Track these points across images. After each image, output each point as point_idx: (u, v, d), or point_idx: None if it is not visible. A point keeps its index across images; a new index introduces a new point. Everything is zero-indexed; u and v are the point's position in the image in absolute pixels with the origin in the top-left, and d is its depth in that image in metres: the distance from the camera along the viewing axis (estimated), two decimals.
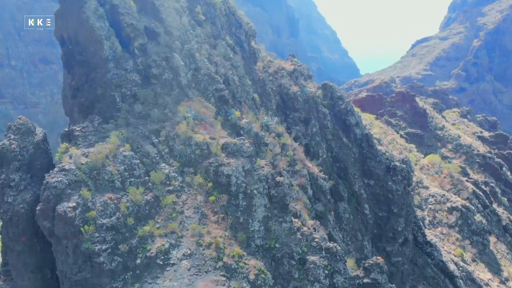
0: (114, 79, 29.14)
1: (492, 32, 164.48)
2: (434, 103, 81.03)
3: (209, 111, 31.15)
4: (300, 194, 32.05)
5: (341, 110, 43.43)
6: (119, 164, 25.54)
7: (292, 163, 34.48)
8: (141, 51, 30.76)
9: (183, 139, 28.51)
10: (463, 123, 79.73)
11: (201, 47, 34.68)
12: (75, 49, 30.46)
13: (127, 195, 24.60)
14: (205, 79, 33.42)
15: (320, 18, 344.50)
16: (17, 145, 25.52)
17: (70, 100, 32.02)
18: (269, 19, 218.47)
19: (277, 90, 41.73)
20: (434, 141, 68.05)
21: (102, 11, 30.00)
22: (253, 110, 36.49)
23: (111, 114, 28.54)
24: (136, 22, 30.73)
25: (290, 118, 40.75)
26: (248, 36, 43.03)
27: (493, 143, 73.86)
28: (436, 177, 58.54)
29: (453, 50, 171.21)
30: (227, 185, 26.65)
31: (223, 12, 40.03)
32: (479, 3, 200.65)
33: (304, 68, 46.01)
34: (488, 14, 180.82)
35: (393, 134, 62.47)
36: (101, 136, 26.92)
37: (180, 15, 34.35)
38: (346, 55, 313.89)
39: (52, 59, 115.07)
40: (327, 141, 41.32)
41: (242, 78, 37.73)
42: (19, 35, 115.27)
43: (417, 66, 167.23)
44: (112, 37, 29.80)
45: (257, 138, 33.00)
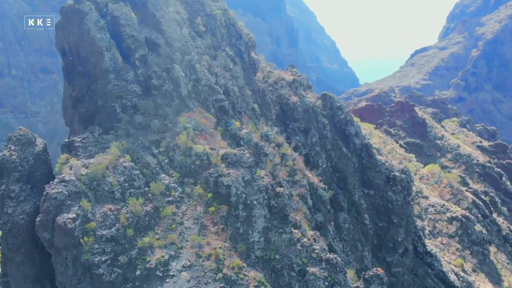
0: (115, 90, 29.28)
1: (490, 42, 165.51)
2: (433, 113, 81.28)
3: (209, 122, 31.24)
4: (300, 204, 32.03)
5: (340, 120, 43.53)
6: (119, 175, 25.57)
7: (292, 173, 34.51)
8: (141, 62, 30.93)
9: (183, 150, 28.56)
10: (463, 133, 79.90)
11: (202, 58, 34.88)
12: (76, 60, 30.64)
13: (127, 206, 24.60)
14: (205, 90, 33.56)
15: (320, 28, 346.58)
16: (18, 156, 25.58)
17: (71, 111, 32.12)
18: (269, 29, 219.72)
19: (277, 100, 41.88)
20: (434, 151, 68.14)
21: (103, 23, 30.24)
22: (253, 120, 36.60)
23: (111, 125, 28.62)
24: (137, 34, 30.94)
25: (289, 128, 40.85)
26: (248, 47, 43.29)
27: (492, 153, 73.94)
28: (436, 187, 58.53)
29: (452, 60, 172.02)
30: (227, 196, 26.65)
31: (223, 24, 40.31)
32: (477, 13, 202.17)
33: (304, 78, 46.22)
34: (487, 24, 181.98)
35: (392, 143, 62.57)
36: (102, 147, 26.99)
37: (180, 26, 34.61)
38: (345, 65, 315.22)
39: (52, 69, 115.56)
40: (326, 151, 41.37)
41: (242, 88, 37.89)
42: (20, 45, 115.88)
43: (416, 75, 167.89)
44: (113, 49, 30.00)
45: (257, 148, 33.07)
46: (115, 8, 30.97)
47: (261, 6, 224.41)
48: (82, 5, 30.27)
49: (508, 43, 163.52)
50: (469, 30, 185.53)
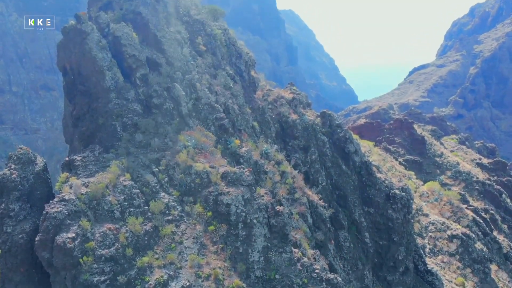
0: (116, 109, 29.43)
1: (488, 60, 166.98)
2: (432, 130, 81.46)
3: (209, 140, 31.34)
4: (300, 223, 31.92)
5: (340, 138, 43.67)
6: (119, 194, 25.55)
7: (292, 191, 34.47)
8: (142, 81, 31.18)
9: (183, 168, 28.59)
10: (462, 150, 79.97)
11: (202, 77, 35.15)
12: (77, 79, 30.88)
13: (126, 225, 24.52)
14: (206, 108, 33.75)
15: (318, 46, 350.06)
16: (18, 175, 25.59)
17: (71, 129, 32.24)
18: (268, 47, 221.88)
19: (277, 118, 42.08)
20: (433, 168, 68.09)
21: (104, 43, 30.56)
22: (252, 138, 36.71)
23: (111, 144, 28.70)
24: (138, 53, 31.26)
25: (289, 145, 40.95)
26: (248, 65, 43.67)
27: (492, 170, 73.89)
28: (436, 205, 58.35)
29: (450, 77, 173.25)
30: (226, 215, 26.59)
31: (223, 43, 40.74)
32: (474, 31, 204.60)
33: (303, 96, 46.52)
34: (484, 42, 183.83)
35: (392, 161, 62.59)
36: (102, 165, 27.01)
37: (181, 46, 34.98)
38: (344, 82, 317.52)
39: (53, 86, 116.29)
40: (326, 169, 41.41)
41: (242, 106, 38.10)
42: (21, 62, 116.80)
43: (415, 93, 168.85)
44: (114, 68, 30.26)
45: (257, 166, 33.10)
46: (116, 28, 31.36)
47: (260, 25, 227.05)
48: (84, 25, 30.63)
49: (505, 60, 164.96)
50: (466, 48, 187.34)
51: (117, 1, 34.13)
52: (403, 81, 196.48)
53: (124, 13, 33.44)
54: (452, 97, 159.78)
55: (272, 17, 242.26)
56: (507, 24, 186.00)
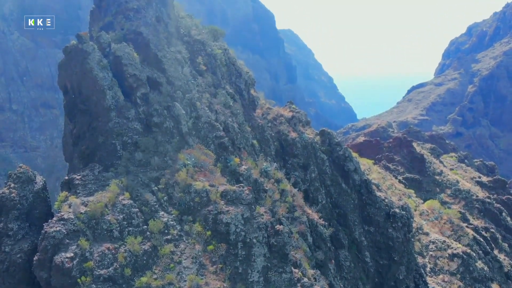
0: (116, 128, 29.53)
1: (486, 78, 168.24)
2: (431, 148, 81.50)
3: (209, 158, 31.37)
4: (300, 242, 31.75)
5: (339, 156, 43.73)
6: (118, 213, 25.46)
7: (292, 210, 34.38)
8: (143, 100, 31.36)
9: (183, 187, 28.55)
10: (461, 168, 79.90)
11: (202, 96, 35.39)
12: (78, 98, 31.06)
13: (125, 244, 24.36)
14: (206, 127, 33.89)
15: (317, 65, 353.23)
16: (17, 194, 25.54)
17: (71, 147, 32.29)
18: (268, 66, 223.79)
19: (276, 136, 42.22)
20: (433, 186, 67.94)
21: (105, 62, 30.84)
22: (252, 156, 36.77)
23: (111, 162, 28.72)
24: (139, 73, 31.51)
25: (289, 163, 41.00)
26: (248, 84, 44.01)
27: (491, 188, 73.72)
28: (436, 223, 58.06)
29: (448, 96, 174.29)
30: (226, 234, 26.44)
31: (224, 63, 41.13)
32: (472, 50, 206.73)
33: (302, 114, 46.74)
34: (482, 61, 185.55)
35: (391, 179, 62.47)
36: (101, 184, 26.97)
37: (182, 65, 35.31)
38: (343, 100, 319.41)
39: (53, 104, 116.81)
40: (326, 187, 41.37)
41: (242, 125, 38.27)
42: (22, 80, 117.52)
43: (413, 111, 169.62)
44: (115, 87, 30.47)
45: (256, 184, 33.07)
46: (117, 48, 31.68)
47: (260, 44, 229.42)
48: (85, 45, 30.95)
49: (503, 79, 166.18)
50: (464, 66, 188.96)
51: (118, 21, 34.55)
52: (401, 100, 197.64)
53: (125, 33, 33.83)
54: (451, 115, 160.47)
55: (271, 36, 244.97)
56: (504, 43, 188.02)
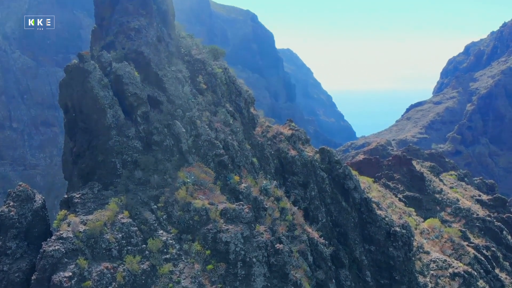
0: (116, 146, 29.59)
1: (484, 97, 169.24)
2: (431, 166, 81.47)
3: (209, 176, 31.36)
4: (300, 261, 31.48)
5: (339, 174, 43.70)
6: (116, 232, 25.31)
7: (292, 228, 34.18)
8: (143, 119, 31.50)
9: (182, 205, 28.47)
10: (461, 186, 79.73)
11: (202, 114, 35.56)
12: (78, 116, 31.18)
13: (123, 264, 24.17)
14: (205, 145, 33.95)
15: (316, 84, 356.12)
16: (16, 212, 25.42)
17: (71, 166, 32.28)
18: (267, 84, 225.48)
19: (276, 154, 42.25)
20: (433, 205, 67.68)
21: (106, 81, 31.06)
22: (252, 174, 36.75)
23: (111, 181, 28.69)
24: (140, 92, 31.72)
25: (288, 181, 40.95)
26: (247, 103, 44.26)
27: (492, 207, 73.46)
28: (437, 242, 57.64)
29: (447, 114, 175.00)
30: (225, 253, 26.27)
31: (224, 81, 41.45)
32: (470, 69, 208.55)
33: (302, 132, 46.86)
34: (480, 80, 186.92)
35: (391, 197, 62.26)
36: (100, 203, 26.89)
37: (182, 84, 35.58)
38: (342, 118, 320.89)
39: (53, 122, 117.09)
40: (326, 205, 41.22)
41: (242, 143, 38.35)
42: (22, 98, 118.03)
43: (412, 129, 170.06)
44: (116, 106, 30.64)
45: (256, 202, 32.95)
46: (118, 67, 31.95)
47: (259, 63, 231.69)
48: (86, 64, 31.21)
49: (502, 97, 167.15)
50: (463, 85, 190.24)
51: (119, 41, 34.91)
52: (400, 118, 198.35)
53: (127, 52, 34.16)
54: (450, 134, 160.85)
55: (271, 56, 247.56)
56: (502, 62, 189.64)
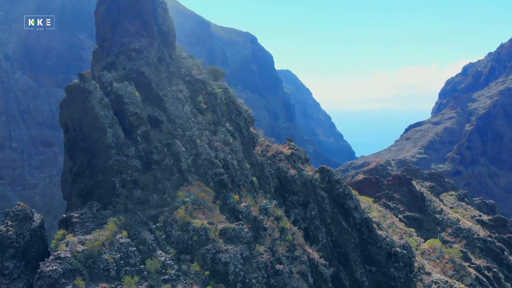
0: (115, 165, 29.55)
1: (483, 117, 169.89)
2: (431, 186, 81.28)
3: (208, 195, 31.24)
4: (301, 282, 31.07)
5: (339, 194, 43.55)
6: (115, 252, 25.06)
7: (292, 248, 33.86)
8: (143, 138, 31.55)
9: (181, 225, 28.27)
10: (461, 206, 79.38)
11: (202, 134, 35.65)
12: (78, 136, 31.23)
13: (121, 284, 23.84)
14: (205, 164, 33.93)
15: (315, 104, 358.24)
16: (14, 232, 25.22)
17: (70, 185, 32.16)
18: (267, 104, 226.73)
19: (275, 173, 42.20)
20: (434, 225, 67.27)
21: (107, 101, 31.22)
22: (251, 193, 36.62)
23: (110, 200, 28.55)
24: (140, 111, 31.86)
25: (288, 201, 40.78)
26: (247, 122, 44.42)
27: (492, 227, 73.01)
28: (438, 263, 57.06)
29: (446, 134, 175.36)
30: (224, 274, 25.97)
31: (224, 101, 41.70)
32: (468, 89, 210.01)
33: (301, 151, 46.89)
34: (478, 100, 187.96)
35: (392, 217, 61.90)
36: (99, 222, 26.69)
37: (182, 104, 35.78)
38: (341, 138, 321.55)
39: (53, 142, 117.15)
40: (326, 225, 40.95)
41: (241, 162, 38.33)
42: (23, 118, 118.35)
43: (412, 149, 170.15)
44: (116, 125, 30.72)
45: (256, 222, 32.75)
46: (119, 87, 32.16)
47: (259, 83, 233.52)
48: (87, 84, 31.42)
49: (500, 117, 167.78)
50: (461, 105, 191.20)
51: (120, 61, 35.23)
52: (399, 138, 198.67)
53: (127, 72, 34.44)
54: (449, 154, 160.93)
55: (270, 76, 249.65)
56: (500, 83, 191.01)
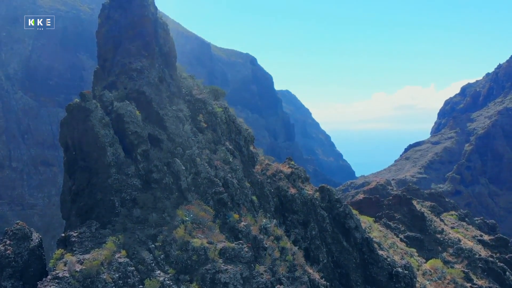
0: (115, 184, 29.52)
1: (482, 137, 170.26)
2: (431, 206, 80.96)
3: (208, 214, 31.11)
4: None
5: (339, 213, 43.37)
6: (113, 272, 24.84)
7: (292, 269, 33.52)
8: (143, 157, 31.59)
9: (180, 244, 28.08)
10: (462, 226, 78.91)
11: (202, 152, 35.71)
12: (78, 155, 31.27)
13: None
14: (205, 183, 33.90)
15: (315, 124, 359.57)
16: (12, 251, 25.05)
17: (69, 205, 32.04)
18: (266, 124, 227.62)
19: (275, 192, 42.09)
20: (435, 245, 66.75)
21: (107, 120, 31.36)
22: (251, 212, 36.46)
23: (109, 219, 28.43)
24: (141, 130, 31.98)
25: (288, 220, 40.56)
26: (247, 141, 44.53)
27: (494, 247, 72.44)
28: (440, 283, 56.40)
29: (445, 154, 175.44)
30: None
31: (224, 120, 41.90)
32: (467, 109, 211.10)
33: (301, 170, 46.86)
34: (477, 120, 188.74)
35: (393, 237, 61.50)
36: (98, 241, 26.53)
37: (183, 123, 35.94)
38: (341, 158, 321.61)
39: (53, 162, 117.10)
40: (327, 245, 40.64)
41: (241, 180, 38.28)
42: (23, 138, 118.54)
43: (412, 169, 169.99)
44: (116, 144, 30.80)
45: (256, 241, 32.51)
46: (120, 106, 32.36)
47: (259, 104, 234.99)
48: (88, 103, 31.62)
49: (499, 137, 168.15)
50: (460, 125, 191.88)
51: (121, 81, 35.51)
52: (399, 158, 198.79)
53: (128, 92, 34.68)
54: (449, 174, 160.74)
55: (270, 96, 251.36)
56: (498, 103, 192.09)
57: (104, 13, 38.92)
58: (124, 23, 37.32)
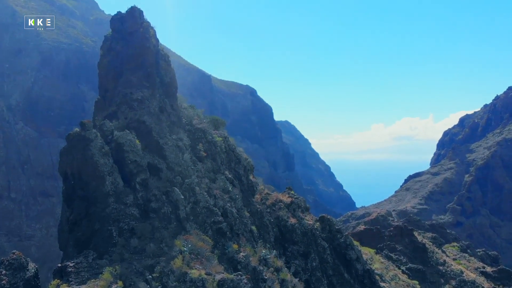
0: (113, 214, 29.30)
1: (482, 168, 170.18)
2: (432, 237, 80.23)
3: (206, 244, 30.71)
4: None
5: (340, 244, 42.88)
6: None
7: None
8: (142, 186, 31.49)
9: (178, 275, 27.59)
10: (464, 258, 77.92)
11: (201, 181, 35.61)
12: (77, 184, 31.16)
13: None
14: (204, 212, 33.65)
15: (314, 154, 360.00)
16: (8, 281, 24.62)
17: (66, 235, 31.70)
18: (266, 154, 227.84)
19: (275, 222, 41.75)
20: (437, 277, 65.69)
21: (107, 149, 31.40)
22: (251, 242, 36.04)
23: (106, 249, 28.07)
24: (140, 159, 32.01)
25: (288, 251, 40.07)
26: (247, 170, 44.49)
27: (497, 279, 71.27)
28: None
29: (445, 185, 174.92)
30: None
31: (223, 149, 41.99)
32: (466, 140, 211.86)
33: (301, 200, 46.63)
34: (476, 151, 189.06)
35: (394, 269, 60.62)
36: (95, 272, 26.11)
37: (182, 152, 36.00)
38: (341, 188, 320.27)
39: (52, 192, 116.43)
40: (328, 277, 39.99)
41: (240, 210, 38.02)
42: (22, 169, 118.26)
43: (412, 200, 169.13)
44: (115, 173, 30.75)
45: (255, 273, 32.01)
46: (120, 136, 32.49)
47: (258, 134, 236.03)
48: (88, 132, 31.75)
49: (499, 168, 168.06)
50: (459, 156, 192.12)
51: (122, 111, 35.78)
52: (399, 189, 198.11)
53: (129, 121, 34.89)
54: (450, 205, 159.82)
55: (269, 127, 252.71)
56: (497, 134, 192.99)
57: (106, 45, 39.60)
58: (126, 54, 37.93)
